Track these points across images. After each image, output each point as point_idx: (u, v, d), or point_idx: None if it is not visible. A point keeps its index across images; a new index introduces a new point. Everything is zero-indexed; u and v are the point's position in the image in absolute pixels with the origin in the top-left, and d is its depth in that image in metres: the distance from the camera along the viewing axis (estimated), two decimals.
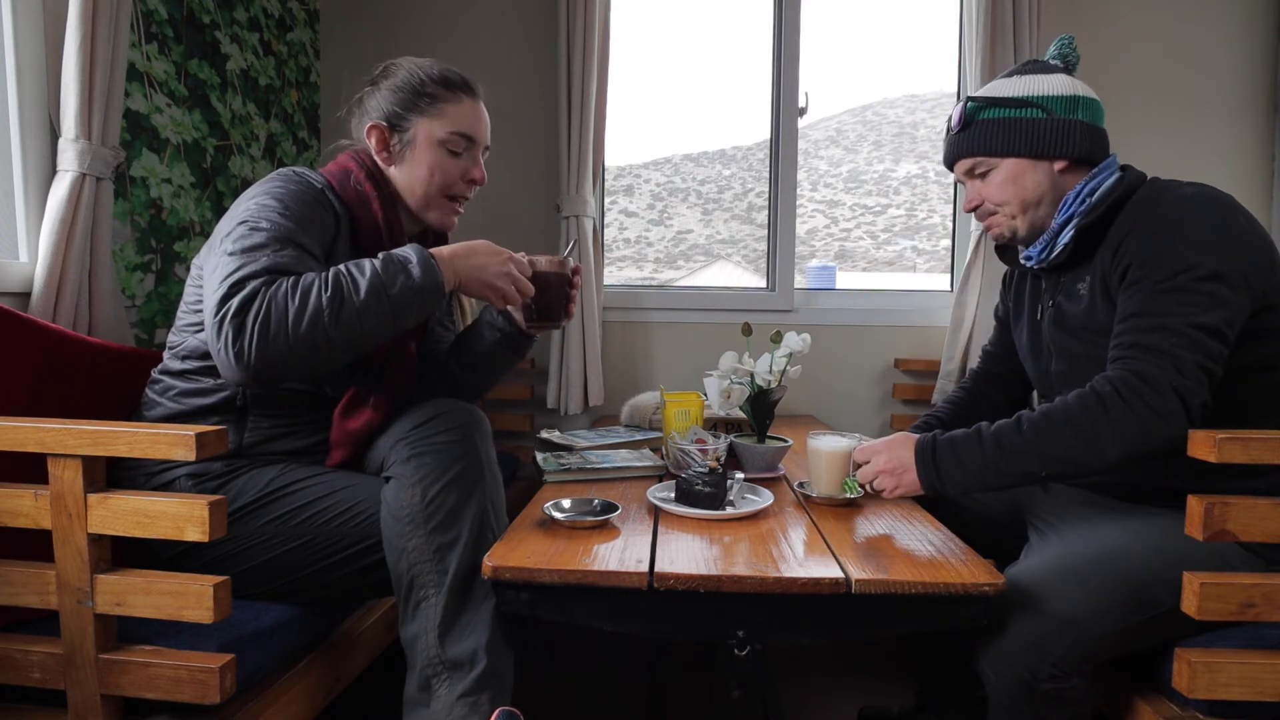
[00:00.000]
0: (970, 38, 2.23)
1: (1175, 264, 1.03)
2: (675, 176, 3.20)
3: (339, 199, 1.19)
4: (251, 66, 2.12)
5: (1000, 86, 1.23)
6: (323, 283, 1.00)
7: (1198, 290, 1.01)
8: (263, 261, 1.01)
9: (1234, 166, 2.38)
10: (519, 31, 2.44)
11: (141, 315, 1.72)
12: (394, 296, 1.03)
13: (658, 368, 2.49)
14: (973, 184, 1.27)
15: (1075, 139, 1.18)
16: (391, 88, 1.24)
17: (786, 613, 0.95)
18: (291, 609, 1.12)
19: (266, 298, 0.98)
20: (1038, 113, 1.19)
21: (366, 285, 1.01)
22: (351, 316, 1.00)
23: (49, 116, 1.42)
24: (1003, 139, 1.20)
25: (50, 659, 0.94)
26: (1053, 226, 1.20)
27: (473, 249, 1.15)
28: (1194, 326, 1.00)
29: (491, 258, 1.15)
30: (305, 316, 0.97)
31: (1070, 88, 1.19)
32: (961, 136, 1.25)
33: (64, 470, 0.90)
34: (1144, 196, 1.12)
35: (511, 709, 1.01)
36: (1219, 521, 0.88)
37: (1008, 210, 1.23)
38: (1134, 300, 1.06)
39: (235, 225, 1.07)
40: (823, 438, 1.25)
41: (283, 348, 0.97)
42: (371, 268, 1.03)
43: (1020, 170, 1.20)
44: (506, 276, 1.15)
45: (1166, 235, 1.06)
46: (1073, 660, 0.96)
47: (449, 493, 1.06)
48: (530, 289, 1.19)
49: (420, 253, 1.08)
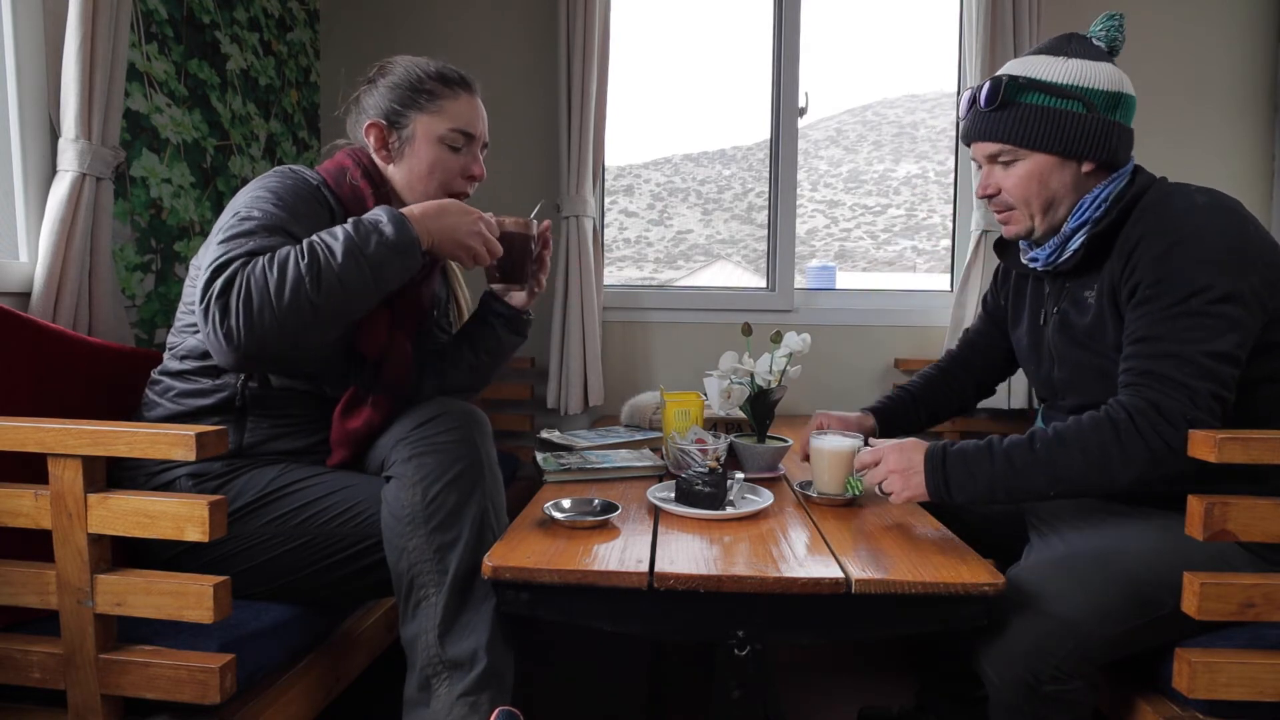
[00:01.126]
0: (970, 38, 2.23)
1: (1187, 286, 1.01)
2: (675, 176, 3.20)
3: (334, 195, 1.19)
4: (251, 66, 2.12)
5: (1043, 66, 1.14)
6: (299, 253, 1.00)
7: (1210, 314, 0.99)
8: (248, 246, 1.02)
9: (1234, 166, 2.38)
10: (519, 31, 2.44)
11: (141, 315, 1.72)
12: (371, 256, 1.03)
13: (658, 368, 2.49)
14: (991, 169, 1.20)
15: (1112, 142, 1.12)
16: (389, 85, 1.24)
17: (786, 613, 0.95)
18: (291, 609, 1.12)
19: (246, 275, 0.98)
20: (1079, 106, 1.11)
21: (342, 249, 1.01)
22: (332, 282, 1.00)
23: (49, 116, 1.42)
24: (1039, 130, 1.13)
25: (50, 659, 0.93)
26: (1065, 230, 1.17)
27: (443, 208, 1.14)
28: (1207, 355, 0.98)
29: (462, 217, 1.15)
30: (286, 287, 0.97)
31: (1116, 82, 1.12)
32: (994, 116, 1.16)
33: (64, 470, 0.90)
34: (1153, 202, 1.09)
35: (511, 709, 1.01)
36: (1219, 521, 0.88)
37: (1028, 209, 1.18)
38: (1145, 323, 1.04)
39: (229, 218, 1.08)
40: (825, 437, 1.25)
41: (269, 322, 0.97)
42: (344, 232, 1.04)
43: (1048, 168, 1.14)
44: (478, 236, 1.15)
45: (1177, 252, 1.02)
46: (1075, 662, 0.96)
47: (449, 493, 1.06)
48: (499, 248, 1.19)
49: (390, 211, 1.08)
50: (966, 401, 1.53)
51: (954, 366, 1.53)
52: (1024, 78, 1.14)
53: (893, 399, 1.51)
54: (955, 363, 1.53)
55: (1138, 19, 2.35)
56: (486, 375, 1.40)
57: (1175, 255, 1.02)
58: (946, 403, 1.52)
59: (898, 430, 1.48)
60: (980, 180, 1.23)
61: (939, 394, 1.52)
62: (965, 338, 1.55)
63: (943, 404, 1.52)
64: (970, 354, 1.52)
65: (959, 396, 1.52)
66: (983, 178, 1.22)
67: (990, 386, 1.53)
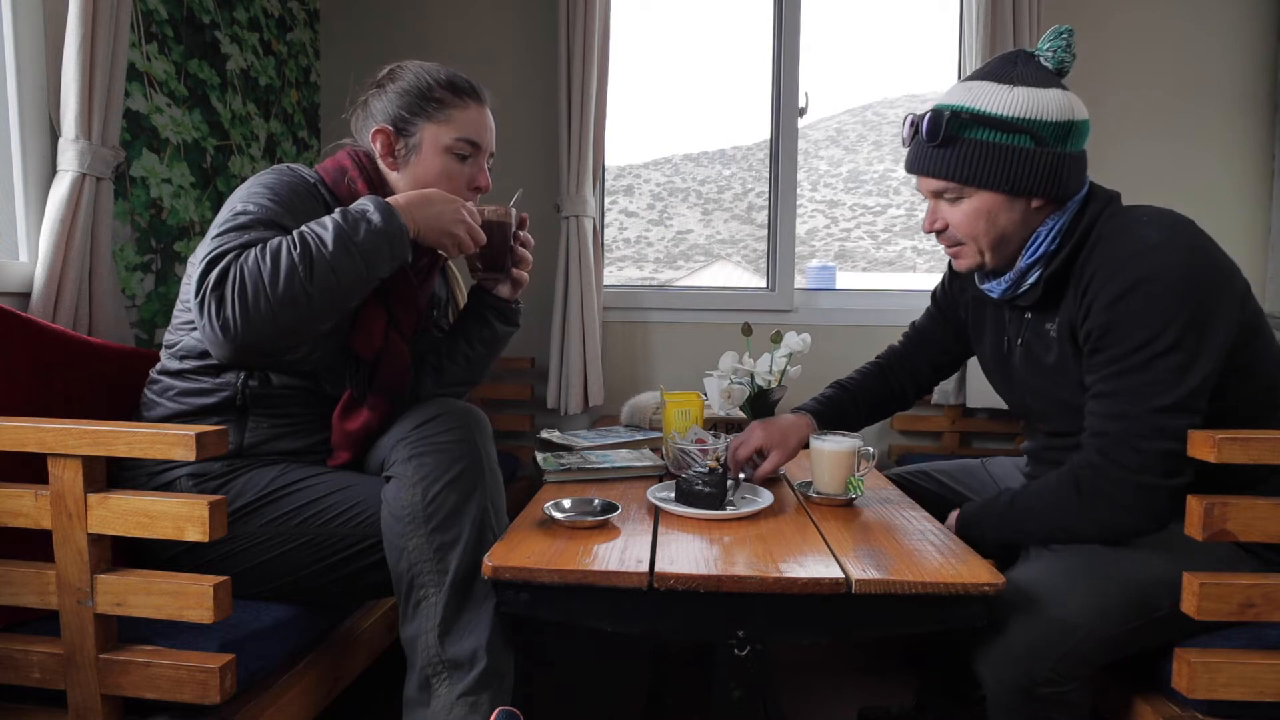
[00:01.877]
0: (970, 38, 2.23)
1: (1135, 337, 0.99)
2: (675, 176, 3.20)
3: (331, 194, 1.20)
4: (251, 66, 2.12)
5: (989, 97, 1.08)
6: (290, 242, 1.01)
7: (1158, 368, 0.98)
8: (242, 239, 1.03)
9: (1234, 166, 2.38)
10: (519, 31, 2.44)
11: (141, 315, 1.72)
12: (360, 243, 1.03)
13: (658, 368, 2.49)
14: (937, 204, 1.16)
15: (1062, 177, 1.07)
16: (398, 91, 1.23)
17: (786, 613, 0.95)
18: (291, 609, 1.12)
19: (239, 266, 0.99)
20: (1027, 141, 1.06)
21: (332, 237, 1.02)
22: (325, 270, 1.00)
23: (49, 116, 1.42)
24: (985, 169, 1.08)
25: (50, 659, 0.93)
26: (1019, 266, 1.13)
27: (428, 197, 1.15)
28: (1157, 411, 0.98)
29: (446, 205, 1.15)
30: (280, 276, 0.98)
31: (1065, 110, 1.07)
32: (937, 153, 1.11)
33: (64, 470, 0.90)
34: (1105, 236, 1.06)
35: (511, 709, 1.01)
36: (1219, 521, 0.88)
37: (976, 244, 1.14)
38: (1098, 376, 1.03)
39: (224, 213, 1.09)
40: (825, 438, 1.25)
41: (265, 311, 0.98)
42: (333, 221, 1.04)
43: (996, 206, 1.10)
44: (462, 224, 1.16)
45: (1123, 303, 1.00)
46: (1072, 664, 0.96)
47: (449, 493, 1.06)
48: (482, 236, 1.20)
49: (377, 200, 1.09)
50: (907, 399, 1.49)
51: (896, 362, 1.48)
52: (968, 111, 1.09)
53: (830, 398, 1.45)
54: (898, 358, 1.48)
55: (1138, 19, 2.36)
56: (482, 367, 1.40)
57: (1122, 305, 1.00)
58: (886, 401, 1.48)
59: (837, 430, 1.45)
60: (927, 214, 1.18)
61: (878, 391, 1.47)
62: (913, 334, 1.48)
63: (882, 402, 1.47)
64: (915, 351, 1.46)
65: (899, 394, 1.47)
66: (929, 212, 1.18)
67: (931, 385, 1.49)
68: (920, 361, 1.46)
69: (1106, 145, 2.31)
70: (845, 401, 1.44)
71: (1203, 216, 1.11)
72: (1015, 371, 1.23)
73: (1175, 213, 1.06)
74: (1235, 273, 1.04)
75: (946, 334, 1.42)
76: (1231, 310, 1.01)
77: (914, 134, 1.15)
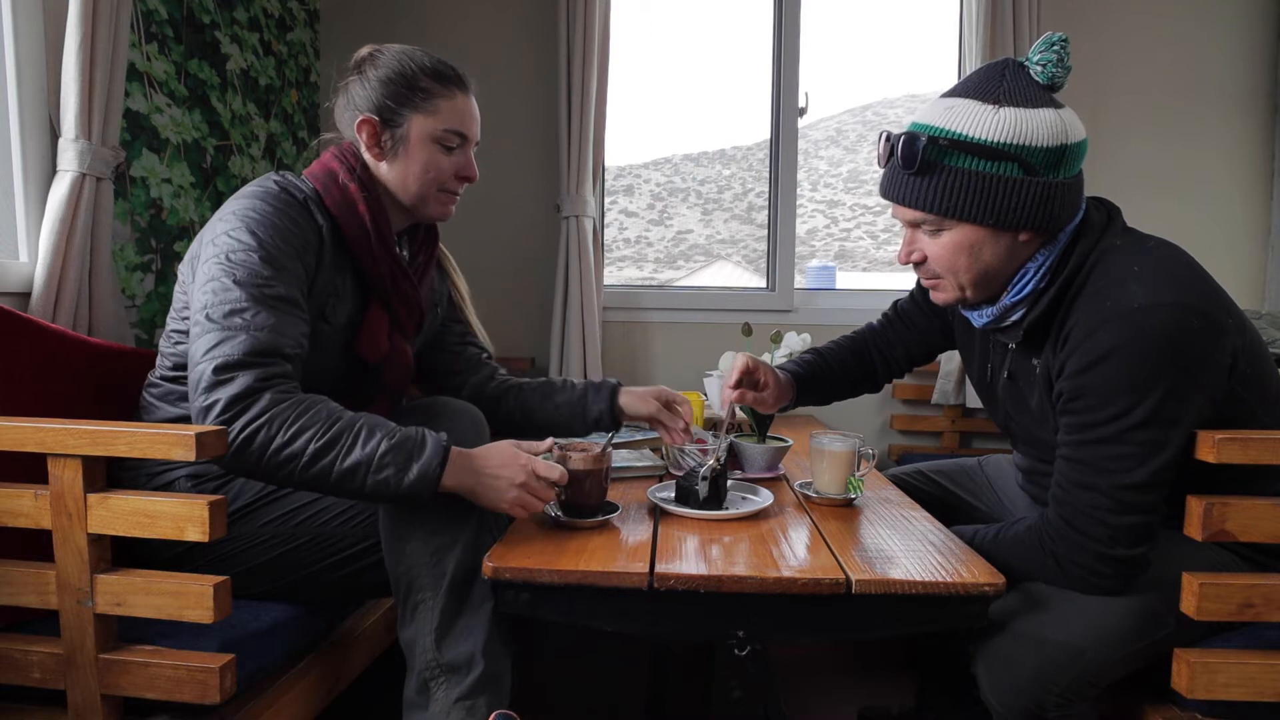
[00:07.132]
0: (970, 38, 2.23)
1: (1111, 405, 0.93)
2: (675, 176, 3.20)
3: (324, 210, 1.15)
4: (251, 66, 2.12)
5: (972, 119, 0.97)
6: (319, 430, 0.96)
7: (1129, 442, 0.92)
8: (243, 342, 0.97)
9: (1234, 166, 2.37)
10: (519, 31, 2.44)
11: (141, 315, 1.72)
12: (368, 485, 0.98)
13: (658, 368, 2.49)
14: (914, 233, 1.06)
15: (1054, 208, 0.97)
16: (381, 79, 1.18)
17: (786, 613, 0.95)
18: (291, 609, 1.12)
19: (264, 416, 0.94)
20: (1015, 170, 0.96)
21: (354, 460, 0.97)
22: (324, 475, 0.97)
23: (49, 116, 1.42)
24: (967, 200, 0.97)
25: (50, 659, 0.93)
26: (1004, 302, 1.05)
27: (492, 458, 1.04)
28: (1125, 488, 0.93)
29: (502, 472, 1.03)
30: (283, 453, 0.95)
31: (1058, 133, 0.96)
32: (913, 180, 1.00)
33: (64, 470, 0.90)
34: (1093, 281, 0.98)
35: (508, 712, 1.01)
36: (1218, 521, 0.88)
37: (957, 279, 1.05)
38: (1067, 438, 0.98)
39: (212, 261, 1.03)
40: (826, 438, 1.25)
41: (254, 464, 0.95)
42: (374, 447, 0.97)
43: (979, 240, 1.00)
44: (516, 500, 1.04)
45: (1098, 370, 0.93)
46: (1079, 688, 0.94)
47: (448, 493, 1.06)
48: (549, 495, 1.08)
49: (436, 450, 0.99)
50: (877, 381, 1.44)
51: (871, 342, 1.42)
52: (947, 135, 0.97)
53: (811, 364, 1.39)
54: (875, 337, 1.42)
55: (1138, 19, 2.36)
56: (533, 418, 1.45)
57: (1096, 372, 0.94)
58: (860, 380, 1.43)
59: (810, 398, 1.40)
60: (903, 244, 1.08)
61: (854, 369, 1.41)
62: (895, 316, 1.41)
63: (855, 381, 1.43)
64: (893, 334, 1.40)
65: (871, 375, 1.43)
66: (905, 242, 1.07)
67: (903, 372, 1.44)
68: (896, 348, 1.41)
69: (1107, 145, 2.31)
70: (822, 369, 1.40)
71: (1203, 216, 1.10)
72: (1000, 403, 1.20)
73: (1174, 259, 0.98)
74: (1229, 330, 0.94)
75: (932, 326, 1.37)
76: (1217, 377, 0.94)
77: (889, 155, 1.03)
